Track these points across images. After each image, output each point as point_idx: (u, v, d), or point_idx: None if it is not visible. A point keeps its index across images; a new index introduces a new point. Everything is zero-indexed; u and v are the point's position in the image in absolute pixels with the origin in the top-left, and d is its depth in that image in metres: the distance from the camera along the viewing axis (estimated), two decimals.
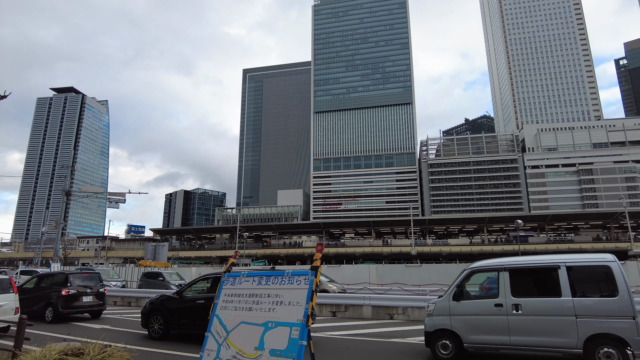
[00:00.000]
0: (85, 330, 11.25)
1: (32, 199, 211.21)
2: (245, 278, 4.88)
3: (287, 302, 4.20)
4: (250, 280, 4.78)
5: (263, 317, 4.26)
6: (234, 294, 4.82)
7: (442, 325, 7.36)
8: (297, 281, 4.30)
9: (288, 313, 4.09)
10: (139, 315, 14.75)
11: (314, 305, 4.07)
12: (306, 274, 4.24)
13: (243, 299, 4.66)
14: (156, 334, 9.86)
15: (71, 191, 23.59)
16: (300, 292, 4.18)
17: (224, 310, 4.76)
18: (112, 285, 20.67)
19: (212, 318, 4.82)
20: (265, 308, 4.34)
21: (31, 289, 14.26)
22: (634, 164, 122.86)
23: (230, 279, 5.01)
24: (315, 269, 4.21)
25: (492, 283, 7.57)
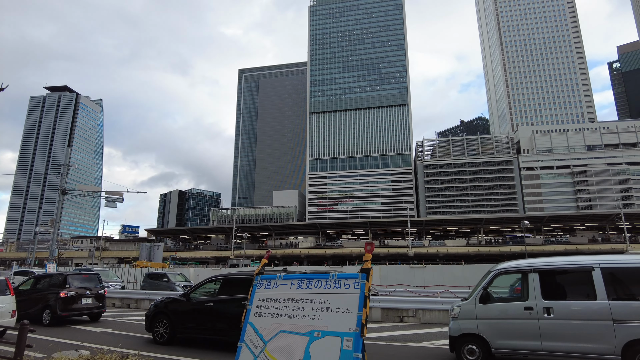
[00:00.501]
0: (85, 334, 10.79)
1: (24, 199, 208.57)
2: (282, 281, 4.46)
3: (335, 308, 3.77)
4: (289, 284, 4.35)
5: (307, 326, 3.84)
6: (269, 299, 4.38)
7: (469, 330, 7.02)
8: (346, 285, 3.88)
9: (337, 321, 3.66)
10: (139, 318, 14.29)
11: (368, 312, 3.66)
12: (355, 277, 3.83)
13: (281, 305, 4.23)
14: (161, 339, 9.43)
15: (67, 190, 23.05)
16: (350, 297, 3.75)
17: (259, 318, 4.32)
18: (111, 286, 20.08)
19: (245, 326, 4.36)
20: (309, 315, 3.91)
21: (27, 290, 13.72)
22: (627, 166, 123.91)
23: (264, 281, 4.57)
24: (366, 271, 3.81)
25: (520, 285, 7.27)
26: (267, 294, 4.46)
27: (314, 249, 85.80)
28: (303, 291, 4.17)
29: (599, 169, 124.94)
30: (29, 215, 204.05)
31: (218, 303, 8.87)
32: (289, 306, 4.17)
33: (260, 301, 4.45)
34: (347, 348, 3.44)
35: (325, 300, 3.93)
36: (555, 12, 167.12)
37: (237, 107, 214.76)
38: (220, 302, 8.86)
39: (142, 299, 17.88)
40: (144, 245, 60.81)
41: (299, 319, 3.99)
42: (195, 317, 9.12)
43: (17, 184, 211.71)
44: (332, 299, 3.88)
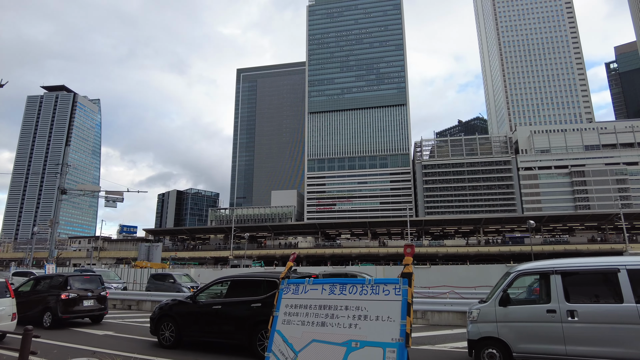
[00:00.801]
0: (88, 338, 10.52)
1: (22, 199, 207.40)
2: (311, 285, 4.17)
3: (374, 316, 3.50)
4: (319, 289, 4.06)
5: (343, 335, 3.55)
6: (298, 305, 4.09)
7: (488, 333, 6.80)
8: (385, 291, 3.60)
9: (378, 330, 3.39)
10: (142, 320, 14.02)
11: (412, 320, 3.41)
12: (395, 282, 3.56)
13: (312, 312, 3.93)
14: (167, 342, 9.16)
15: (67, 189, 22.74)
16: (391, 304, 3.48)
17: (288, 325, 4.02)
18: (112, 287, 19.74)
19: (272, 334, 4.03)
20: (345, 323, 3.62)
21: (27, 292, 13.40)
22: (625, 166, 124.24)
23: (291, 286, 4.26)
24: (407, 276, 3.53)
25: (541, 287, 7.07)
26: (296, 300, 4.17)
27: (313, 249, 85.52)
28: (336, 297, 3.87)
29: (597, 169, 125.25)
30: (26, 215, 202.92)
31: (226, 305, 8.61)
32: (321, 313, 3.87)
33: (288, 307, 4.13)
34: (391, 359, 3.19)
35: (362, 307, 3.64)
36: (553, 13, 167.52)
37: (235, 107, 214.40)
38: (228, 304, 8.61)
39: (143, 300, 17.59)
40: (143, 246, 60.41)
41: (334, 328, 3.69)
42: (202, 320, 8.86)
43: (14, 183, 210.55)
44: (370, 306, 3.60)
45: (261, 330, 7.98)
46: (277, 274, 8.84)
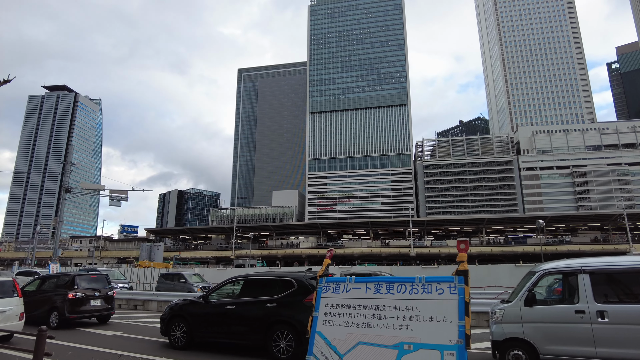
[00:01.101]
0: (97, 338, 10.33)
1: (22, 198, 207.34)
2: (353, 284, 3.91)
3: (428, 316, 3.26)
4: (363, 288, 3.80)
5: (393, 337, 3.30)
6: (340, 305, 3.85)
7: (514, 334, 6.59)
8: (438, 289, 3.38)
9: (432, 332, 3.14)
10: (149, 320, 13.83)
11: (470, 321, 3.19)
12: (449, 281, 3.35)
13: (356, 312, 3.68)
14: (179, 343, 8.96)
15: (71, 188, 22.54)
16: (446, 304, 3.25)
17: (330, 327, 3.78)
18: (118, 287, 19.54)
19: (312, 336, 3.81)
20: (394, 324, 3.37)
21: (33, 291, 13.22)
22: (627, 167, 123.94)
23: (330, 284, 4.03)
24: (463, 273, 3.33)
25: (564, 286, 6.87)
26: (337, 300, 3.93)
27: (315, 249, 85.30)
28: (383, 297, 3.62)
29: (599, 169, 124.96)
30: (27, 214, 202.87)
31: (240, 305, 8.42)
32: (367, 314, 3.61)
33: (328, 307, 3.92)
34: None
35: (413, 307, 3.39)
36: (554, 13, 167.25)
37: (236, 107, 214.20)
38: (242, 304, 8.41)
39: (149, 300, 17.42)
40: (144, 245, 60.31)
41: (382, 329, 3.44)
42: (215, 320, 8.66)
43: (15, 183, 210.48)
44: (422, 306, 3.35)
45: (277, 331, 7.80)
46: (291, 273, 8.66)
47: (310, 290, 7.84)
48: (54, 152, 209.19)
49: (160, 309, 17.04)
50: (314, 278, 8.23)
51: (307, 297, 7.75)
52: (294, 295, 7.91)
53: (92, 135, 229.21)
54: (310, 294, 7.79)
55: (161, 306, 17.07)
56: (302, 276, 8.21)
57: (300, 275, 8.26)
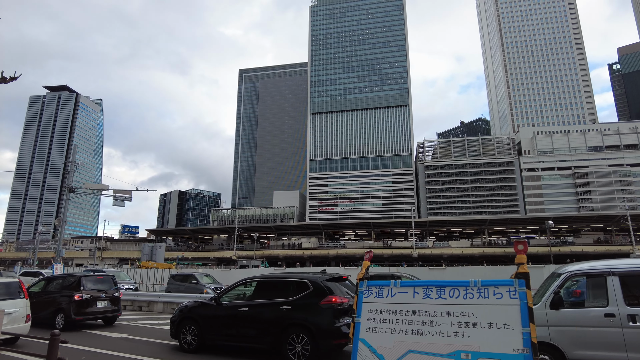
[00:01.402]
0: (104, 341, 10.13)
1: (24, 199, 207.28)
2: (399, 288, 3.66)
3: (486, 323, 3.03)
4: (410, 292, 3.57)
5: (449, 345, 3.07)
6: (385, 310, 3.59)
7: (540, 338, 6.36)
8: (496, 294, 3.15)
9: (493, 339, 2.92)
10: (156, 322, 13.63)
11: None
12: (508, 284, 3.12)
13: (404, 318, 3.44)
14: (189, 346, 8.75)
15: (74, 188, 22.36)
16: (505, 309, 3.02)
17: (375, 334, 3.52)
18: (124, 287, 19.29)
19: (355, 344, 3.56)
20: (449, 331, 3.14)
21: (38, 292, 13.02)
22: (628, 168, 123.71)
23: (373, 288, 3.75)
24: (524, 276, 3.12)
25: (588, 289, 6.65)
26: (381, 304, 3.67)
27: (317, 250, 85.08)
28: (433, 302, 3.39)
29: (600, 170, 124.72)
30: (28, 215, 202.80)
31: (254, 307, 8.21)
32: (417, 320, 3.37)
33: (372, 313, 3.66)
34: None
35: (468, 313, 3.16)
36: (556, 14, 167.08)
37: (237, 107, 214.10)
38: (256, 306, 8.20)
39: (155, 302, 17.21)
40: (146, 246, 60.09)
41: (435, 337, 3.20)
42: (227, 322, 8.45)
43: (16, 183, 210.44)
44: (479, 312, 3.12)
45: (292, 334, 7.60)
46: (306, 274, 8.46)
47: (326, 292, 7.65)
48: (55, 153, 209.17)
49: (165, 310, 16.84)
50: (330, 280, 8.04)
51: (323, 300, 7.56)
52: (309, 297, 7.71)
53: (93, 136, 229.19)
54: (326, 296, 7.60)
55: (167, 308, 16.88)
56: (317, 278, 8.01)
57: (315, 277, 8.06)
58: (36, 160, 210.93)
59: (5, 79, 10.06)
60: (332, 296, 7.56)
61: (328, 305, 7.48)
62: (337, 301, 7.53)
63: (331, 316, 7.41)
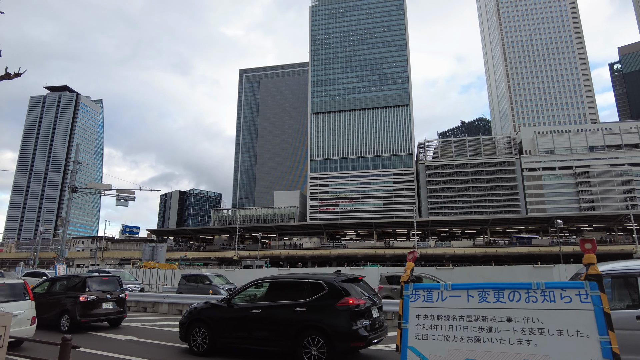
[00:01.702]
0: (111, 343, 9.90)
1: (24, 199, 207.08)
2: (451, 292, 3.38)
3: (555, 330, 2.76)
4: (464, 295, 3.28)
5: (513, 354, 2.80)
6: (436, 315, 3.31)
7: None
8: (564, 297, 2.88)
9: (565, 348, 2.66)
10: (162, 324, 13.39)
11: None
12: (578, 287, 2.85)
13: (458, 324, 3.16)
14: (200, 349, 8.51)
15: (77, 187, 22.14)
16: (577, 314, 2.77)
17: (426, 341, 3.24)
18: (130, 288, 19.02)
19: (404, 352, 3.29)
20: (511, 339, 2.85)
21: (43, 294, 12.78)
22: (630, 167, 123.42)
23: (420, 292, 3.47)
24: (596, 278, 2.86)
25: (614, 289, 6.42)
26: (431, 309, 3.39)
27: (319, 250, 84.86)
28: (491, 306, 3.10)
29: (602, 169, 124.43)
30: (28, 215, 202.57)
31: (267, 309, 7.97)
32: (473, 326, 3.08)
33: (421, 318, 3.39)
34: None
35: (532, 318, 2.88)
36: (557, 13, 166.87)
37: (237, 107, 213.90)
38: (269, 308, 7.97)
39: (159, 303, 16.99)
40: (147, 246, 59.83)
41: (496, 344, 2.91)
42: (239, 325, 8.21)
43: (17, 184, 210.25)
44: (545, 317, 2.83)
45: (307, 337, 7.37)
46: (320, 275, 8.23)
47: (343, 294, 7.42)
48: (55, 153, 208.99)
49: (171, 311, 16.62)
50: (346, 281, 7.81)
51: (339, 301, 7.34)
52: (324, 299, 7.49)
53: (94, 136, 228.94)
54: (342, 297, 7.38)
55: (172, 309, 16.65)
56: (332, 278, 7.79)
57: (330, 278, 7.84)
58: (37, 160, 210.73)
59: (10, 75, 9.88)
60: (348, 297, 7.35)
61: (345, 307, 7.27)
62: (354, 303, 7.31)
63: (348, 318, 7.20)
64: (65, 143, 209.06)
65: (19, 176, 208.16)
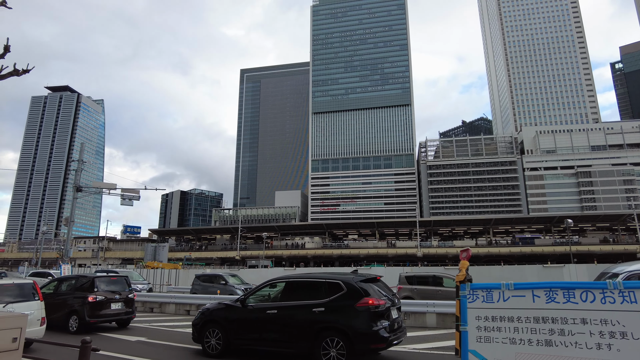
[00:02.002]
0: (121, 345, 9.73)
1: (25, 199, 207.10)
2: (513, 291, 3.13)
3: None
4: (528, 295, 3.05)
5: (590, 359, 2.59)
6: (498, 317, 3.09)
7: None
8: None
9: None
10: (170, 324, 13.23)
11: None
12: None
13: (524, 326, 2.94)
14: (213, 350, 8.33)
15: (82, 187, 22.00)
16: None
17: (489, 344, 3.03)
18: (138, 288, 18.79)
19: (464, 355, 3.09)
20: (587, 343, 2.63)
21: (50, 294, 12.61)
22: (632, 167, 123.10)
23: (479, 292, 3.26)
24: None
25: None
26: (492, 310, 3.17)
27: (321, 250, 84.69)
28: (561, 307, 2.87)
29: (604, 169, 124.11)
30: (30, 215, 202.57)
31: (283, 310, 7.79)
32: (542, 328, 2.86)
33: (481, 320, 3.17)
34: None
35: (611, 320, 2.61)
36: (558, 13, 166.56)
37: (238, 107, 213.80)
38: (286, 308, 7.78)
39: (166, 303, 16.83)
40: (149, 246, 59.72)
41: (570, 349, 2.68)
42: (255, 326, 8.03)
43: (18, 184, 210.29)
44: (627, 320, 2.54)
45: (326, 338, 7.20)
46: (337, 274, 8.06)
47: (362, 294, 7.25)
48: (56, 153, 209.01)
49: (178, 312, 16.46)
50: (365, 281, 7.63)
51: (359, 302, 7.17)
52: (343, 299, 7.32)
53: (95, 136, 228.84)
54: (362, 297, 7.21)
55: (179, 309, 16.50)
56: (350, 278, 7.62)
57: (348, 278, 7.67)
58: (38, 160, 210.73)
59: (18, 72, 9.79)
60: (368, 298, 7.18)
61: (364, 308, 7.09)
62: (374, 303, 7.13)
63: (368, 319, 7.03)
64: (67, 143, 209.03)
65: (20, 176, 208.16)
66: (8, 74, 9.65)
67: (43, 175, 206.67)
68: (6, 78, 9.47)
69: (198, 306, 15.92)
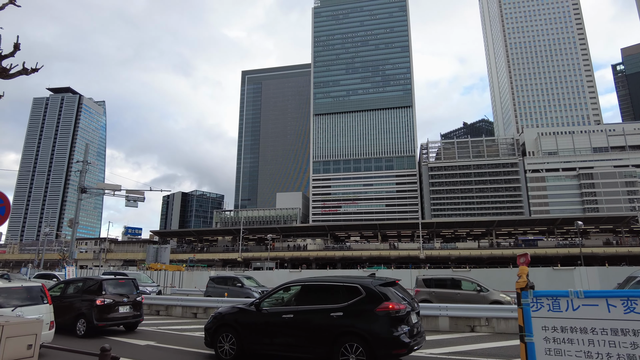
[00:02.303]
0: (131, 349, 9.53)
1: (27, 200, 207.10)
2: (584, 299, 2.91)
3: None
4: (602, 305, 2.82)
5: None
6: (569, 328, 2.89)
7: None
8: None
9: None
10: (179, 328, 13.04)
11: None
12: None
13: (601, 338, 2.70)
14: (227, 356, 8.12)
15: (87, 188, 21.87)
16: None
17: (560, 357, 2.84)
18: (148, 291, 18.51)
19: None
20: None
21: (57, 297, 12.40)
22: (634, 169, 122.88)
23: (544, 300, 3.04)
24: None
25: None
26: (560, 320, 2.97)
27: (323, 252, 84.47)
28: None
29: (605, 171, 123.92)
30: (31, 216, 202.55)
31: (300, 314, 7.60)
32: (623, 342, 2.61)
33: (548, 331, 2.97)
34: None
35: None
36: (560, 14, 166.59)
37: (240, 108, 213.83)
38: (303, 312, 7.59)
39: (173, 306, 16.64)
40: (151, 247, 59.61)
41: None
42: (271, 330, 7.84)
43: (19, 185, 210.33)
44: None
45: (344, 344, 7.01)
46: (355, 278, 7.88)
47: (382, 298, 7.07)
48: (58, 154, 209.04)
49: (185, 315, 16.28)
50: (384, 285, 7.44)
51: (379, 306, 6.99)
52: (362, 304, 7.14)
53: (96, 137, 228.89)
54: (381, 302, 7.03)
55: (186, 312, 16.31)
56: (368, 282, 7.44)
57: (366, 281, 7.48)
58: (39, 161, 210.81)
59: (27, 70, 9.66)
60: (388, 302, 6.99)
61: (384, 312, 6.91)
62: (395, 308, 6.95)
63: (388, 324, 6.84)
64: (68, 144, 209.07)
65: (21, 177, 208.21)
66: (17, 72, 9.50)
67: (44, 176, 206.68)
68: (15, 77, 9.34)
69: (205, 309, 15.72)
